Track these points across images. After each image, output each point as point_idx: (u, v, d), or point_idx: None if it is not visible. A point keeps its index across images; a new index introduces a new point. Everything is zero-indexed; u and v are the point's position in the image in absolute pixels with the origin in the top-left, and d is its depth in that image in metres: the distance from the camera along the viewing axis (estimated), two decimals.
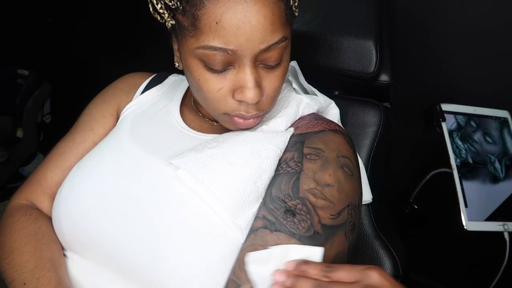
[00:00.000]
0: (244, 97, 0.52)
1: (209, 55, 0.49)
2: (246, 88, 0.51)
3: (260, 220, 0.51)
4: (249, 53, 0.49)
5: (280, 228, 0.49)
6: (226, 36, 0.47)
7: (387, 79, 0.79)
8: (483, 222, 0.79)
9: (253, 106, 0.54)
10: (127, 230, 0.52)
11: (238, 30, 0.47)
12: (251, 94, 0.51)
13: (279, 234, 0.49)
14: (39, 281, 0.53)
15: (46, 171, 0.66)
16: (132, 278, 0.51)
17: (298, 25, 0.79)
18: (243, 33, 0.47)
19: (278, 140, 0.57)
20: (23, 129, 1.54)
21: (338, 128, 0.61)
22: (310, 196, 0.51)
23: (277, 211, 0.51)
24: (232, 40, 0.48)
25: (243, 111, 0.54)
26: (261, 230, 0.50)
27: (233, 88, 0.52)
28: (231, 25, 0.47)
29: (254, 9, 0.47)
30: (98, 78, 0.98)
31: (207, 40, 0.48)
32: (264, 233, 0.49)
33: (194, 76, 0.53)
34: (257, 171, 0.53)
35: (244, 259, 0.48)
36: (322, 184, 0.52)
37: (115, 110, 0.72)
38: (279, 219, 0.50)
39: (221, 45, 0.48)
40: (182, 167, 0.54)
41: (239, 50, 0.48)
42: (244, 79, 0.51)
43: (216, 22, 0.47)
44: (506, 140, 0.88)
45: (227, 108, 0.54)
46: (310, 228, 0.50)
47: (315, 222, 0.50)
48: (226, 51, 0.48)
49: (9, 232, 0.59)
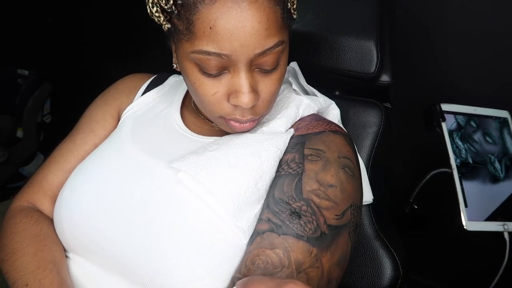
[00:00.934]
0: (238, 102, 0.52)
1: (204, 59, 0.49)
2: (241, 92, 0.51)
3: (265, 223, 0.51)
4: (243, 58, 0.49)
5: (287, 231, 0.49)
6: (220, 41, 0.47)
7: (388, 79, 0.79)
8: (483, 222, 0.79)
9: (249, 110, 0.54)
10: (128, 232, 0.52)
11: (232, 35, 0.47)
12: (245, 99, 0.51)
13: (286, 238, 0.48)
14: (41, 282, 0.53)
15: (47, 173, 0.66)
16: (133, 280, 0.51)
17: (299, 25, 0.79)
18: (237, 39, 0.47)
19: (278, 141, 0.57)
20: (23, 129, 1.54)
21: (339, 129, 0.61)
22: (314, 197, 0.51)
23: (282, 214, 0.50)
24: (226, 45, 0.47)
25: (238, 115, 0.54)
26: (267, 233, 0.50)
27: (228, 93, 0.52)
28: (225, 31, 0.47)
29: (248, 14, 0.46)
30: (98, 78, 0.98)
31: (201, 45, 0.48)
32: (272, 236, 0.49)
33: (190, 80, 0.53)
34: (258, 173, 0.53)
35: (251, 262, 0.48)
36: (325, 185, 0.52)
37: (115, 111, 0.72)
38: (285, 222, 0.50)
39: (215, 50, 0.48)
40: (183, 170, 0.54)
41: (233, 55, 0.48)
42: (238, 84, 0.51)
43: (210, 27, 0.47)
44: (506, 140, 0.88)
45: (223, 111, 0.54)
46: (317, 229, 0.50)
47: (321, 223, 0.50)
48: (220, 55, 0.48)
49: (11, 234, 0.59)
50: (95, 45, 1.59)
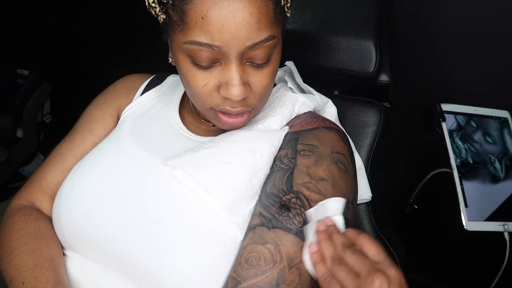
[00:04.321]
0: (228, 94, 0.52)
1: (195, 50, 0.50)
2: (231, 85, 0.52)
3: (257, 217, 0.52)
4: (234, 50, 0.49)
5: (277, 225, 0.50)
6: (211, 32, 0.48)
7: (387, 79, 0.79)
8: (483, 222, 0.79)
9: (239, 102, 0.54)
10: (126, 228, 0.53)
11: (223, 26, 0.47)
12: (236, 91, 0.52)
13: (276, 231, 0.49)
14: (37, 280, 0.53)
15: (46, 172, 0.66)
16: (131, 275, 0.52)
17: (298, 25, 0.79)
18: (228, 30, 0.48)
19: (273, 138, 0.57)
20: (23, 129, 1.54)
21: (333, 125, 0.61)
22: (304, 189, 0.52)
23: (272, 207, 0.51)
24: (217, 36, 0.48)
25: (228, 106, 0.55)
26: (259, 227, 0.51)
27: (219, 84, 0.53)
28: (216, 21, 0.47)
29: (240, 5, 0.47)
30: (98, 78, 0.98)
31: (193, 35, 0.49)
32: (262, 230, 0.50)
33: (182, 71, 0.54)
34: (253, 169, 0.54)
35: (244, 260, 0.48)
36: (316, 178, 0.53)
37: (115, 111, 0.72)
38: (274, 215, 0.51)
39: (206, 41, 0.48)
40: (178, 167, 0.54)
41: (224, 46, 0.49)
42: (229, 76, 0.51)
43: (202, 17, 0.47)
44: (506, 140, 0.88)
45: (213, 102, 0.55)
46: (305, 222, 0.50)
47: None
48: (211, 47, 0.49)
49: (9, 232, 0.59)
50: (95, 45, 1.59)
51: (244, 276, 0.48)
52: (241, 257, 0.49)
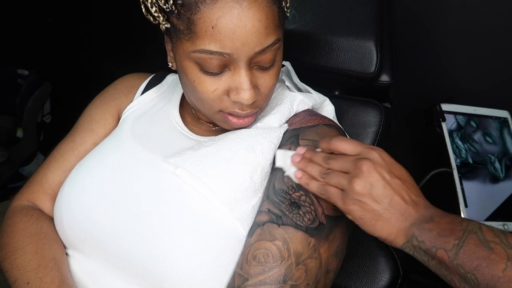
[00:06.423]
0: (239, 99, 0.53)
1: (205, 58, 0.50)
2: (242, 89, 0.52)
3: (265, 214, 0.52)
4: (244, 56, 0.50)
5: (287, 222, 0.50)
6: (222, 41, 0.48)
7: (388, 79, 0.79)
8: (483, 222, 0.79)
9: (249, 105, 0.55)
10: (128, 226, 0.53)
11: (234, 34, 0.48)
12: (246, 95, 0.52)
13: (286, 228, 0.50)
14: (42, 280, 0.53)
15: (47, 172, 0.66)
16: (133, 272, 0.52)
17: (299, 25, 0.79)
18: (238, 37, 0.48)
19: (272, 136, 0.58)
20: (23, 129, 1.54)
21: (332, 123, 0.62)
22: None
23: (282, 204, 0.52)
24: (228, 44, 0.49)
25: (237, 108, 0.55)
26: (268, 224, 0.51)
27: (228, 89, 0.54)
28: (227, 30, 0.48)
29: (249, 13, 0.48)
30: (98, 78, 0.98)
31: (203, 44, 0.49)
32: (272, 227, 0.50)
33: (189, 78, 0.54)
34: (253, 166, 0.55)
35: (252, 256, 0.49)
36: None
37: (115, 111, 0.72)
38: (285, 212, 0.51)
39: (217, 49, 0.49)
40: (179, 165, 0.55)
41: (235, 53, 0.49)
42: (239, 81, 0.52)
43: (212, 26, 0.48)
44: (506, 140, 0.88)
45: (222, 105, 0.55)
46: (315, 219, 0.51)
47: (320, 213, 0.52)
48: (222, 54, 0.49)
49: (11, 232, 0.59)
50: (95, 45, 1.59)
51: (251, 273, 0.48)
52: (248, 253, 0.50)
